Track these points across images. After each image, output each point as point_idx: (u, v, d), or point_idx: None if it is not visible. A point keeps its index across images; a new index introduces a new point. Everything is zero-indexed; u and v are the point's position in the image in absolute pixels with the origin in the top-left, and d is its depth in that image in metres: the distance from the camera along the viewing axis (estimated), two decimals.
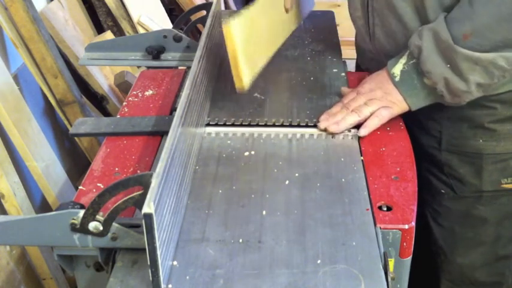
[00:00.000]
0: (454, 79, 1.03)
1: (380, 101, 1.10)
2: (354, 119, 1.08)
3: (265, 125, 1.11)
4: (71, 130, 1.16)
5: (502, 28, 0.98)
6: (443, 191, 1.23)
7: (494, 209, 1.22)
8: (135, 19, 2.25)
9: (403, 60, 1.09)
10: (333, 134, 1.08)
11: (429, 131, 1.22)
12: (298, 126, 1.11)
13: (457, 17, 1.02)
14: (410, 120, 1.15)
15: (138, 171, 1.01)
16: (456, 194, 1.22)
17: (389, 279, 0.78)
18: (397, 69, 1.09)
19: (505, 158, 1.17)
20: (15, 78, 1.75)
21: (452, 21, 1.02)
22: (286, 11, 1.35)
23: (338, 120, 1.09)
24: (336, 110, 1.11)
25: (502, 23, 0.97)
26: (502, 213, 1.22)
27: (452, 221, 1.25)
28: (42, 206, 1.77)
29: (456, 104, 1.08)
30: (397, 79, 1.09)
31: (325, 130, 1.08)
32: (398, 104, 1.10)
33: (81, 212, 0.77)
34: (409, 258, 0.90)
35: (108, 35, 2.17)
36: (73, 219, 0.77)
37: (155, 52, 1.32)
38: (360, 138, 1.08)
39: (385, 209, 0.90)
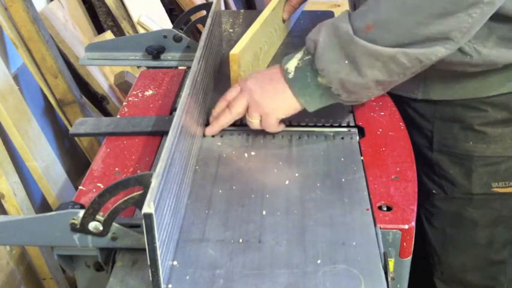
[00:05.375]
0: (351, 75, 0.94)
1: (256, 106, 1.03)
2: (226, 120, 1.06)
3: None
4: (71, 130, 1.16)
5: (405, 21, 0.90)
6: (434, 192, 1.23)
7: (486, 213, 1.21)
8: (135, 19, 2.25)
9: (298, 55, 0.99)
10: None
11: (421, 130, 1.22)
12: (298, 126, 1.11)
13: (362, 10, 0.95)
14: (403, 119, 1.15)
15: (138, 171, 1.01)
16: (447, 194, 1.22)
17: (389, 279, 0.78)
18: (292, 65, 0.99)
19: (496, 161, 1.16)
20: (15, 78, 1.75)
21: (356, 15, 0.95)
22: (284, 21, 1.36)
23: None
24: (219, 110, 1.07)
25: (405, 16, 0.89)
26: (494, 217, 1.21)
27: (444, 221, 1.25)
28: (42, 206, 1.77)
29: (354, 103, 1.01)
30: (290, 76, 0.99)
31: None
32: (286, 107, 1.02)
33: (81, 212, 0.77)
34: (409, 258, 0.90)
35: (108, 35, 2.18)
36: (73, 219, 0.77)
37: (155, 52, 1.32)
38: (360, 138, 1.08)
39: (385, 209, 0.90)
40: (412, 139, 1.19)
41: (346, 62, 0.93)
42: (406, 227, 0.87)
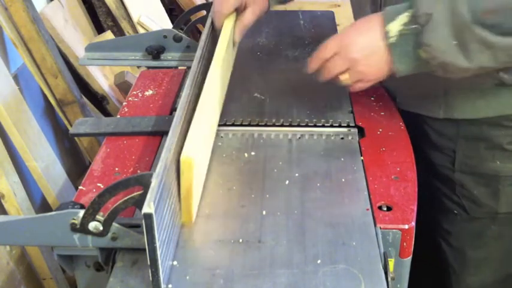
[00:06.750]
0: (457, 57, 0.90)
1: (356, 74, 0.98)
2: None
3: (265, 125, 1.11)
4: (71, 130, 1.16)
5: None
6: (455, 212, 1.19)
7: (506, 229, 1.18)
8: (135, 19, 2.25)
9: (403, 19, 0.92)
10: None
11: (442, 150, 1.16)
12: (298, 126, 1.11)
13: None
14: (419, 136, 1.11)
15: (138, 171, 1.01)
16: (469, 214, 1.17)
17: (389, 279, 0.78)
18: (395, 27, 0.93)
19: None
20: (15, 78, 1.75)
21: None
22: (234, 44, 1.22)
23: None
24: (315, 66, 1.02)
25: None
26: None
27: (464, 241, 1.21)
28: (42, 206, 1.77)
29: (445, 76, 0.96)
30: (391, 40, 0.93)
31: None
32: (376, 72, 0.97)
33: (81, 212, 0.77)
34: (409, 258, 0.90)
35: (108, 35, 2.18)
36: (73, 219, 0.77)
37: (155, 52, 1.32)
38: (360, 138, 1.07)
39: (385, 209, 0.90)
40: (430, 158, 1.15)
41: (455, 43, 0.89)
42: (406, 227, 0.87)
